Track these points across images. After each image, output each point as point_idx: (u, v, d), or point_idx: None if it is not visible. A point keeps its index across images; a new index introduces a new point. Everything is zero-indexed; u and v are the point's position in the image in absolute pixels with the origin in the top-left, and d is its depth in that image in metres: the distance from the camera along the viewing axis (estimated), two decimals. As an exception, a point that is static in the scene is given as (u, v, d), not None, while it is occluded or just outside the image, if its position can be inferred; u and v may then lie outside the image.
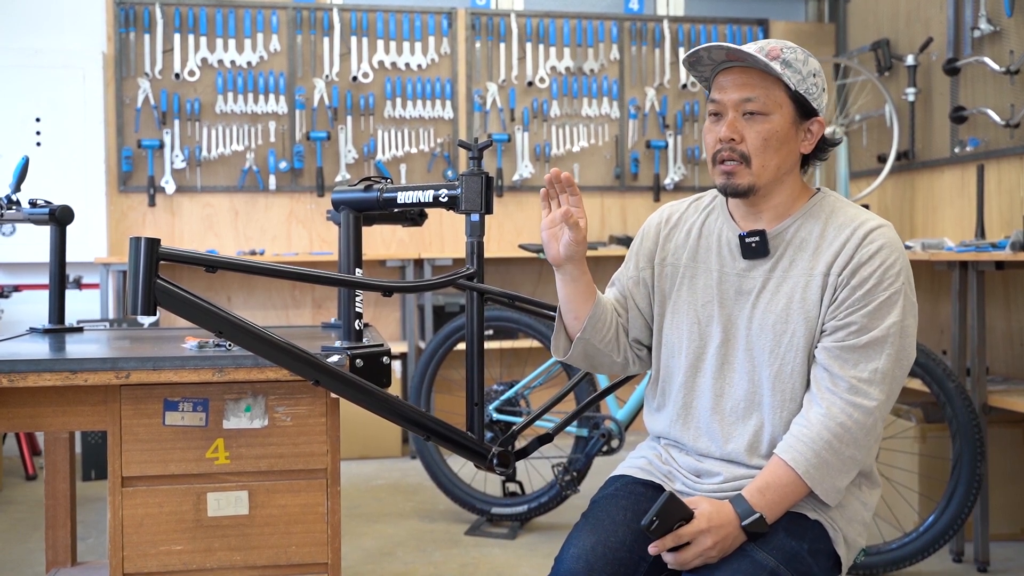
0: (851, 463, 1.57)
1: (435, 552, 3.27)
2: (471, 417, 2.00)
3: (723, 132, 1.61)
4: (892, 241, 1.59)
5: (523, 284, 5.18)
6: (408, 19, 5.02)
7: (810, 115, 1.64)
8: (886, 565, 2.93)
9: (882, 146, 4.62)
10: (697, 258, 1.73)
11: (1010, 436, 3.32)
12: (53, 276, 2.36)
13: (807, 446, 1.55)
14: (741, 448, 1.64)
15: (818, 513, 1.60)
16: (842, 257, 1.58)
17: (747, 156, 1.60)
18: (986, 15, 3.85)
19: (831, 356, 1.57)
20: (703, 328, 1.69)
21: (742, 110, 1.61)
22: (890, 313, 1.56)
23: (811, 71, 1.62)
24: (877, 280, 1.56)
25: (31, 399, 1.77)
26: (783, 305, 1.61)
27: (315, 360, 1.72)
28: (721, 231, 1.71)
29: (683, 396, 1.71)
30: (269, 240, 4.95)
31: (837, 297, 1.58)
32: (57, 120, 4.65)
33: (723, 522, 1.53)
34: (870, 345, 1.55)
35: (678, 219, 1.79)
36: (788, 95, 1.61)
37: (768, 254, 1.64)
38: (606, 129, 5.20)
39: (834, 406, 1.55)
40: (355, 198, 1.94)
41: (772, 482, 1.56)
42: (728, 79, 1.63)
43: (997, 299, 3.73)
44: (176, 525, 1.80)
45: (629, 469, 1.76)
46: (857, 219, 1.62)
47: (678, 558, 1.53)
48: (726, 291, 1.68)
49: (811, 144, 1.66)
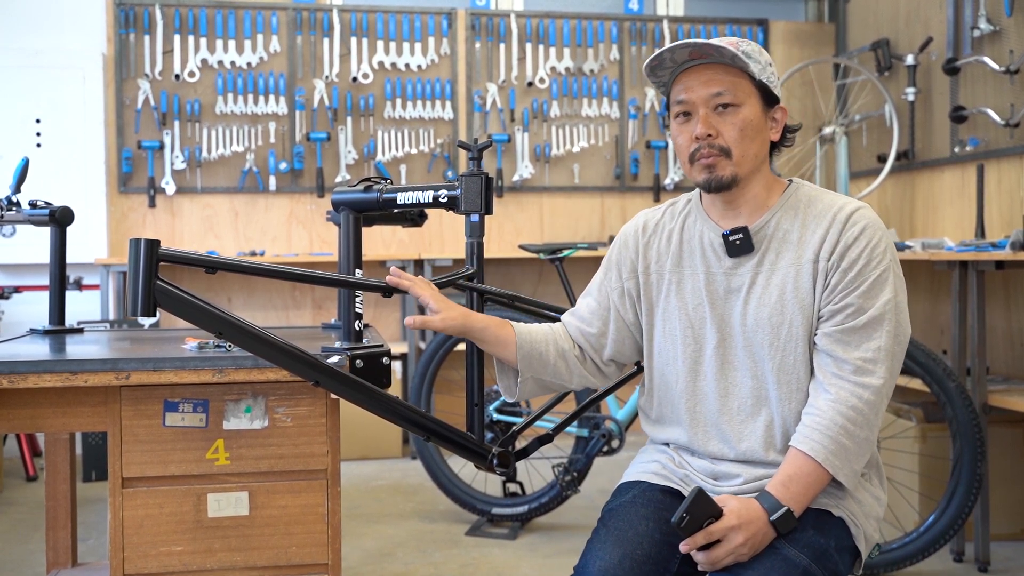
0: (866, 444, 1.58)
1: (435, 552, 3.27)
2: (471, 417, 2.00)
3: (699, 130, 1.62)
4: (873, 221, 1.61)
5: (523, 284, 5.18)
6: (408, 19, 5.02)
7: (773, 103, 1.67)
8: (887, 565, 2.93)
9: (882, 146, 4.62)
10: (681, 263, 1.73)
11: (1010, 436, 3.32)
12: (53, 277, 2.36)
13: (822, 433, 1.55)
14: (756, 446, 1.63)
15: (841, 510, 1.60)
16: (828, 242, 1.60)
17: (727, 149, 1.62)
18: (986, 15, 3.85)
19: (832, 340, 1.58)
20: (697, 331, 1.69)
21: (712, 104, 1.62)
22: (883, 291, 1.57)
23: (767, 61, 1.65)
24: (866, 260, 1.58)
25: (31, 400, 1.77)
26: (776, 297, 1.62)
27: (315, 361, 1.72)
28: (702, 233, 1.71)
29: (686, 402, 1.71)
30: (269, 241, 4.96)
31: (829, 282, 1.59)
32: (57, 121, 4.66)
33: (752, 518, 1.52)
34: (869, 324, 1.56)
35: (655, 225, 1.79)
36: (753, 85, 1.63)
37: (753, 250, 1.65)
38: (606, 129, 5.20)
39: (843, 390, 1.55)
40: (355, 199, 1.94)
41: (794, 474, 1.55)
42: (693, 78, 1.64)
43: (997, 299, 3.73)
44: (176, 526, 1.80)
45: (643, 475, 1.74)
46: (835, 204, 1.64)
47: (709, 556, 1.51)
48: (715, 291, 1.68)
49: (778, 132, 1.69)
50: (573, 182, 5.18)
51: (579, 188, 5.19)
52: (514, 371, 1.84)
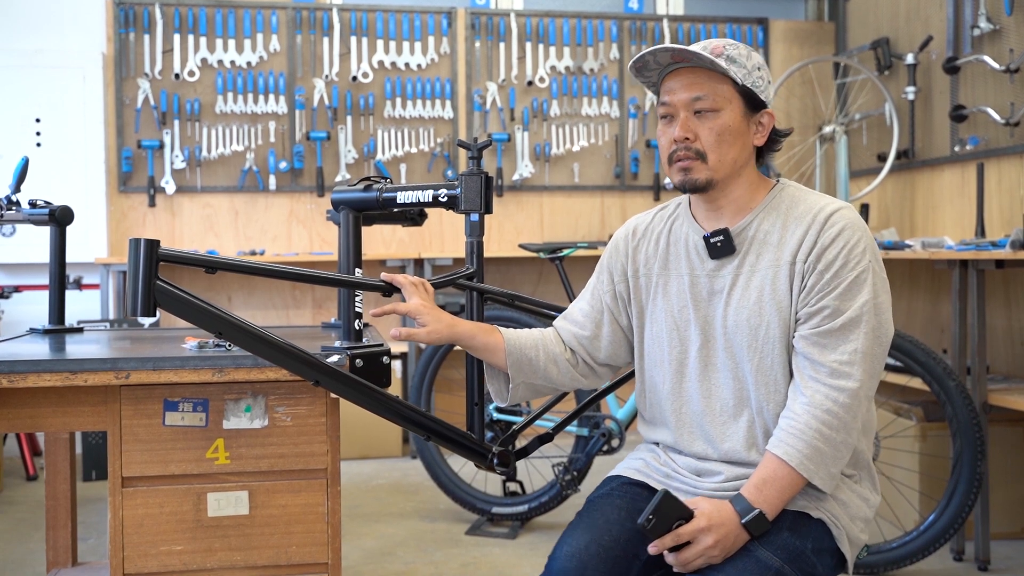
0: (843, 447, 1.57)
1: (436, 552, 3.27)
2: (471, 417, 2.00)
3: (677, 133, 1.63)
4: (853, 221, 1.60)
5: (523, 284, 5.18)
6: (408, 19, 5.02)
7: (759, 108, 1.66)
8: (887, 564, 2.93)
9: (882, 145, 4.62)
10: (668, 265, 1.74)
11: (1010, 435, 3.32)
12: (53, 277, 2.36)
13: (797, 438, 1.55)
14: (738, 446, 1.64)
15: (821, 511, 1.60)
16: (806, 244, 1.60)
17: (703, 153, 1.63)
18: (986, 13, 3.85)
19: (809, 343, 1.58)
20: (682, 333, 1.70)
21: (692, 109, 1.63)
22: (860, 292, 1.56)
23: (755, 65, 1.64)
24: (843, 261, 1.57)
25: (31, 400, 1.77)
26: (755, 299, 1.62)
27: (315, 360, 1.72)
28: (687, 235, 1.73)
29: (672, 404, 1.72)
30: (269, 240, 4.96)
31: (806, 284, 1.59)
32: (57, 121, 4.66)
33: (723, 520, 1.53)
34: (846, 327, 1.56)
35: (645, 230, 1.81)
36: (736, 90, 1.63)
37: (734, 251, 1.66)
38: (606, 128, 5.20)
39: (818, 393, 1.55)
40: (355, 198, 1.94)
41: (768, 478, 1.56)
42: (676, 81, 1.65)
43: (997, 298, 3.73)
44: (176, 525, 1.81)
45: (625, 470, 1.77)
46: (816, 205, 1.63)
47: (679, 558, 1.53)
48: (699, 293, 1.69)
49: (763, 136, 1.68)
50: (573, 181, 5.18)
51: (579, 187, 5.19)
52: (505, 376, 1.84)
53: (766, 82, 1.66)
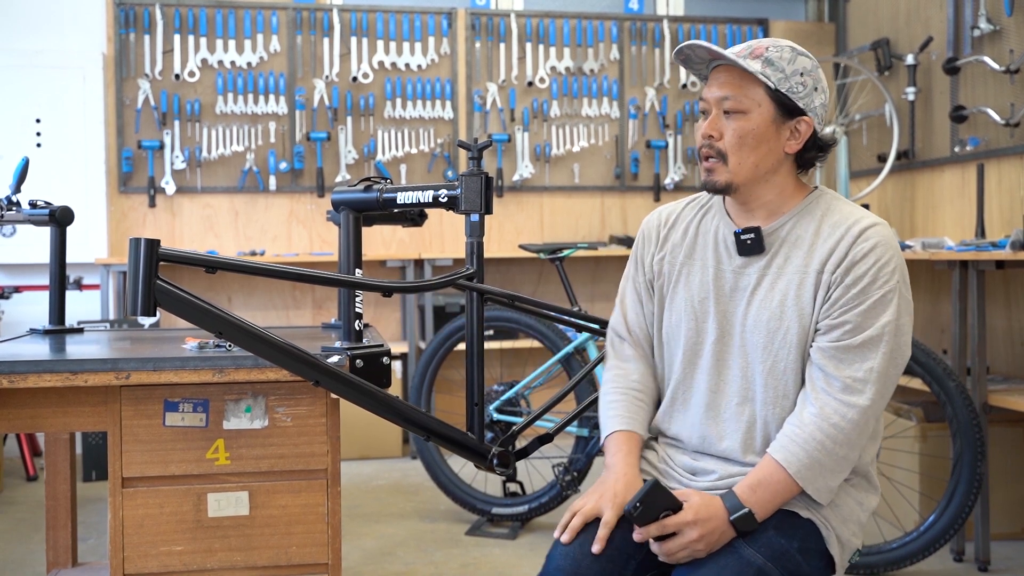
0: (844, 463, 1.57)
1: (436, 552, 3.27)
2: (471, 417, 2.00)
3: (704, 129, 1.65)
4: (886, 239, 1.59)
5: (523, 284, 5.18)
6: (408, 19, 5.02)
7: (795, 114, 1.62)
8: (887, 564, 2.93)
9: (882, 145, 4.62)
10: (693, 255, 1.74)
11: (1010, 435, 3.31)
12: (53, 277, 2.36)
13: (799, 446, 1.55)
14: (735, 445, 1.64)
15: (811, 512, 1.60)
16: (836, 255, 1.59)
17: (724, 153, 1.63)
18: (986, 14, 3.85)
19: (826, 356, 1.57)
20: (699, 324, 1.70)
21: (722, 108, 1.63)
22: (884, 312, 1.56)
23: (796, 70, 1.60)
24: (871, 279, 1.56)
25: (31, 400, 1.77)
26: (778, 302, 1.62)
27: (315, 361, 1.72)
28: (718, 228, 1.72)
29: (678, 393, 1.73)
30: (269, 240, 4.96)
31: (831, 296, 1.58)
32: (57, 121, 4.66)
33: (710, 515, 1.53)
34: (864, 344, 1.55)
35: (676, 218, 1.80)
36: (768, 94, 1.61)
37: (763, 251, 1.65)
38: (606, 129, 5.20)
39: (827, 406, 1.55)
40: (355, 198, 1.94)
41: (763, 479, 1.56)
42: (714, 77, 1.66)
43: (997, 298, 3.73)
44: (177, 526, 1.81)
45: None
46: (852, 217, 1.62)
47: (663, 548, 1.53)
48: (721, 287, 1.69)
49: (798, 143, 1.64)
50: (573, 182, 5.18)
51: (579, 188, 5.18)
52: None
53: (809, 88, 1.61)
